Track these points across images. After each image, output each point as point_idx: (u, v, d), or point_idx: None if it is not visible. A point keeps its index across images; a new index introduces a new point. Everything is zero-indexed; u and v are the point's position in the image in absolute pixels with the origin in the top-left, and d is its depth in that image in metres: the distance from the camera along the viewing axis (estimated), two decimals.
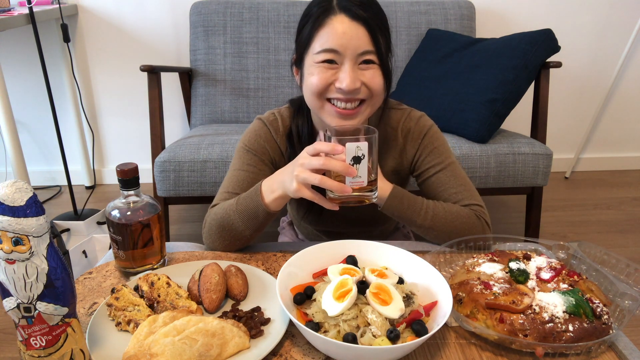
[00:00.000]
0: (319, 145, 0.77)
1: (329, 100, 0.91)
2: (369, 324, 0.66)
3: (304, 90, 0.94)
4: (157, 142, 1.93)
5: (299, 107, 1.03)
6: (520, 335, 0.66)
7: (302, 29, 0.91)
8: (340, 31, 0.85)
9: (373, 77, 0.88)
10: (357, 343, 0.64)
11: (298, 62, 0.95)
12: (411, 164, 1.04)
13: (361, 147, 0.74)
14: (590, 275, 0.82)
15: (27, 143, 2.68)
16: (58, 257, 0.57)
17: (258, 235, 0.94)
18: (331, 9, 0.86)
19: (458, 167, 1.02)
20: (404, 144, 1.03)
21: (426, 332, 0.65)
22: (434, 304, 0.73)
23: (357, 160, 0.74)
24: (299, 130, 1.02)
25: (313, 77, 0.88)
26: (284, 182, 0.83)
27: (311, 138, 1.02)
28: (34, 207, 0.54)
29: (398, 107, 1.05)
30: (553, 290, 0.72)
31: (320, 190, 0.79)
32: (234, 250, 0.96)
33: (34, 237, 0.54)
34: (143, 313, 0.71)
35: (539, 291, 0.73)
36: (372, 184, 0.78)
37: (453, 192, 0.99)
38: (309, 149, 0.78)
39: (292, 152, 1.02)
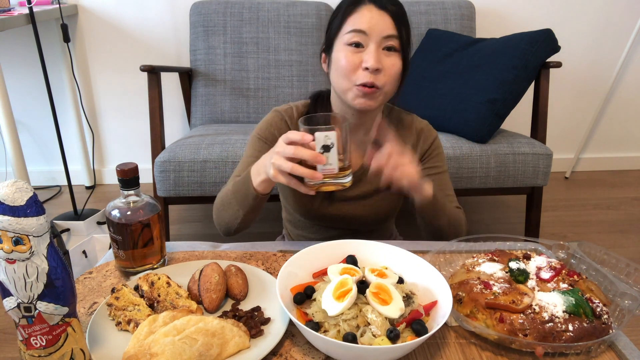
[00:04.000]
0: (291, 134, 0.81)
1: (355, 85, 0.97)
2: (369, 324, 0.66)
3: (332, 74, 1.01)
4: (157, 142, 1.93)
5: (318, 95, 1.10)
6: (520, 335, 0.66)
7: (333, 20, 1.01)
8: (369, 16, 0.94)
9: (393, 64, 0.96)
10: (357, 343, 0.64)
11: (327, 49, 1.03)
12: (419, 160, 1.12)
13: (329, 136, 0.77)
14: (590, 275, 0.82)
15: (27, 143, 2.68)
16: (58, 256, 0.57)
17: (252, 218, 0.99)
18: (361, 0, 0.96)
19: (448, 176, 1.15)
20: (417, 141, 1.12)
21: (426, 331, 0.65)
22: (433, 304, 0.73)
23: (326, 148, 0.78)
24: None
25: (341, 60, 0.96)
26: (265, 167, 0.87)
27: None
28: (34, 206, 0.54)
29: (405, 111, 1.15)
30: (553, 290, 0.72)
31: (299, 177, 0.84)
32: (236, 231, 1.02)
33: (34, 236, 0.54)
34: (143, 313, 0.71)
35: (538, 291, 0.73)
36: (344, 170, 0.81)
37: (447, 194, 1.10)
38: (283, 137, 0.82)
39: None
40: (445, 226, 1.03)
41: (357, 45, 0.95)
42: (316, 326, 0.67)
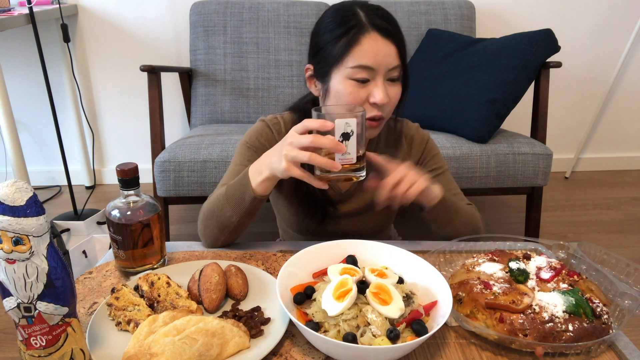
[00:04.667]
0: (308, 122, 0.77)
1: None
2: (369, 324, 0.66)
3: (329, 103, 0.96)
4: (157, 142, 1.93)
5: (303, 112, 1.05)
6: (520, 335, 0.66)
7: (326, 44, 0.93)
8: (376, 49, 0.89)
9: (397, 93, 0.94)
10: (357, 343, 0.64)
11: (321, 75, 0.96)
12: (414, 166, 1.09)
13: (350, 123, 0.74)
14: (590, 275, 0.82)
15: (27, 143, 2.68)
16: (58, 256, 0.57)
17: (246, 225, 0.95)
18: (363, 27, 0.90)
19: (451, 174, 1.12)
20: (409, 149, 1.10)
21: (426, 331, 0.65)
22: (434, 304, 0.73)
23: (346, 136, 0.75)
24: None
25: (345, 96, 0.92)
26: (272, 163, 0.83)
27: None
28: (34, 207, 0.54)
29: (396, 119, 1.11)
30: (553, 290, 0.72)
31: (308, 170, 0.81)
32: (223, 242, 0.97)
33: (34, 236, 0.54)
34: (143, 313, 0.71)
35: (538, 291, 0.73)
36: (360, 161, 0.79)
37: (453, 193, 1.06)
38: (297, 127, 0.79)
39: None
40: (461, 226, 1.00)
41: (364, 81, 0.91)
42: (316, 326, 0.67)
